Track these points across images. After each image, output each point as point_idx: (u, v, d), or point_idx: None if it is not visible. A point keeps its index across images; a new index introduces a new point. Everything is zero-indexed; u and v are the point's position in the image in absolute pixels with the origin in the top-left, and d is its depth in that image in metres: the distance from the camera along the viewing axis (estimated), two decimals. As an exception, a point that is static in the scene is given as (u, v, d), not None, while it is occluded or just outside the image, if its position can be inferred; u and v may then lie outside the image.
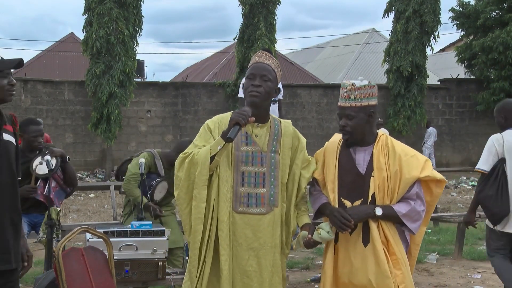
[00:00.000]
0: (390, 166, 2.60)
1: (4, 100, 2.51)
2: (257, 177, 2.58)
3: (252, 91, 2.55)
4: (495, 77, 16.98)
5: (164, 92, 16.04)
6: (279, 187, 2.62)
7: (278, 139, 2.65)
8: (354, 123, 2.61)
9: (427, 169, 2.63)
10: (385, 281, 2.52)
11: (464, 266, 5.71)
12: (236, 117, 2.46)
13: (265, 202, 2.58)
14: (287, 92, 15.25)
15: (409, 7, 16.18)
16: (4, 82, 2.48)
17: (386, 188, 2.59)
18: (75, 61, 23.14)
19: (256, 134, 2.61)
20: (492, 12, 17.57)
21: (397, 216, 2.57)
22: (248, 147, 2.59)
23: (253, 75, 2.58)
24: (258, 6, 15.42)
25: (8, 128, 2.57)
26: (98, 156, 15.47)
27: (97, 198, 11.16)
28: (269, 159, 2.61)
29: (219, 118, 2.67)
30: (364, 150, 2.66)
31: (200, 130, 2.66)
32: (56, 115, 15.13)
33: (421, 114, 16.31)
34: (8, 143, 2.54)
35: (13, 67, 2.50)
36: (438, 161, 16.71)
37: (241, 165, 2.57)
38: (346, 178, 2.64)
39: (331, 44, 29.98)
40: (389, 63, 16.80)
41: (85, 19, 14.46)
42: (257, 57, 2.67)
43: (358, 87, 2.62)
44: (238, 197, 2.56)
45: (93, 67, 14.17)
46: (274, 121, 2.71)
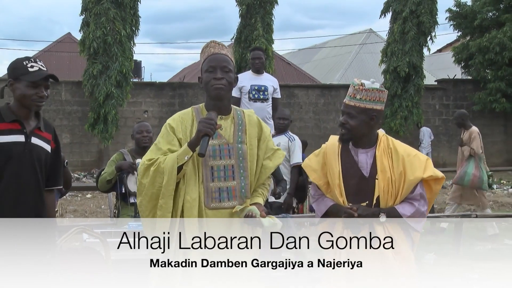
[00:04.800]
0: (394, 168, 2.60)
1: (29, 108, 2.54)
2: (226, 170, 2.53)
3: (215, 84, 2.52)
4: (491, 77, 17.01)
5: (161, 92, 16.02)
6: (249, 178, 2.57)
7: (243, 129, 2.62)
8: (353, 123, 2.61)
9: (429, 168, 2.64)
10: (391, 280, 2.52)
11: (461, 266, 5.71)
12: (203, 128, 2.41)
13: (237, 195, 2.54)
14: (284, 92, 15.25)
15: (406, 7, 16.20)
16: (30, 92, 2.51)
17: (390, 190, 2.59)
18: (72, 61, 23.08)
19: (220, 127, 2.57)
20: (488, 12, 17.61)
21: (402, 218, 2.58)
22: (214, 140, 2.54)
23: (213, 68, 2.55)
24: (255, 7, 15.42)
25: (44, 135, 2.61)
26: (95, 157, 15.44)
27: (94, 199, 11.13)
28: (236, 151, 2.57)
29: (180, 116, 2.63)
30: (366, 152, 2.65)
31: (162, 130, 2.61)
32: (53, 115, 15.09)
33: (418, 114, 16.32)
34: (37, 147, 2.56)
35: (39, 79, 2.51)
36: (435, 161, 16.68)
37: (209, 159, 2.52)
38: (350, 181, 2.63)
39: (328, 45, 29.98)
40: (386, 63, 16.81)
41: (82, 19, 14.44)
42: (211, 47, 2.62)
43: (366, 89, 2.62)
44: (210, 193, 2.51)
45: (90, 68, 14.14)
46: (237, 111, 2.67)
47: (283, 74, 21.66)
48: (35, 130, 2.58)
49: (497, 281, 5.15)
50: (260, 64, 5.69)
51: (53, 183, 2.69)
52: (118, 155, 4.52)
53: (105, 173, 4.42)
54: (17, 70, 2.53)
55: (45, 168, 2.60)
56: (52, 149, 2.64)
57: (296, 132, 16.71)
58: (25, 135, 2.53)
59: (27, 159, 2.51)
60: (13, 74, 2.53)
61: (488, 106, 16.91)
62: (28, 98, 2.52)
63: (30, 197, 2.53)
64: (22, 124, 2.54)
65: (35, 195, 2.55)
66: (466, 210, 9.27)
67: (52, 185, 2.69)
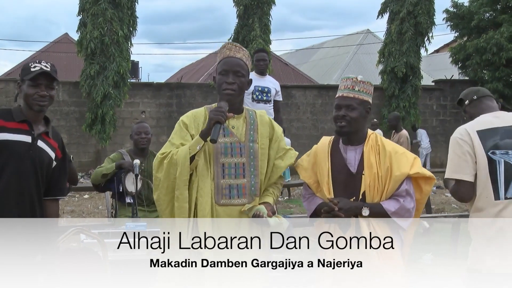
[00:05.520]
0: (381, 164, 2.62)
1: (31, 108, 2.58)
2: (237, 168, 2.57)
3: (226, 88, 2.55)
4: (489, 78, 17.05)
5: (158, 93, 16.01)
6: (259, 177, 2.61)
7: (255, 128, 2.65)
8: (354, 115, 2.62)
9: (416, 166, 2.65)
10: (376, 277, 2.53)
11: (459, 266, 5.71)
12: (215, 116, 2.44)
13: (247, 193, 2.57)
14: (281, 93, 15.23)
15: (403, 8, 16.23)
16: (32, 91, 2.56)
17: (376, 185, 2.61)
18: (69, 62, 23.06)
19: (233, 126, 2.61)
20: (486, 13, 17.64)
21: (387, 214, 2.58)
22: (226, 138, 2.59)
23: (226, 72, 2.57)
24: (253, 7, 15.43)
25: (50, 141, 2.65)
26: (93, 157, 15.42)
27: (92, 199, 11.12)
28: (248, 149, 2.60)
29: (194, 113, 2.65)
30: (354, 149, 2.68)
31: (176, 127, 2.63)
32: (51, 115, 14.97)
33: (416, 115, 16.35)
34: (42, 151, 2.59)
35: (33, 76, 2.54)
36: (433, 162, 16.75)
37: (221, 157, 2.56)
38: (338, 177, 2.66)
39: (326, 45, 30.01)
40: (384, 64, 16.84)
41: (79, 19, 14.43)
42: (227, 49, 2.63)
43: (362, 81, 2.66)
44: (220, 190, 2.54)
45: (87, 68, 14.13)
46: (249, 111, 2.70)
47: (280, 74, 21.67)
48: (43, 134, 2.63)
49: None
50: (264, 65, 5.77)
51: (57, 192, 2.72)
52: (117, 155, 4.51)
53: (102, 167, 4.40)
54: (23, 72, 2.60)
55: (46, 173, 2.62)
56: (58, 158, 2.68)
57: (294, 132, 16.81)
58: (32, 137, 2.58)
59: (30, 160, 2.55)
60: (20, 76, 2.61)
61: (485, 107, 16.93)
62: (29, 97, 2.57)
63: (28, 198, 2.54)
64: (30, 125, 2.59)
65: (34, 196, 2.57)
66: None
67: (56, 194, 2.71)
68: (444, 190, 12.73)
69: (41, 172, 2.59)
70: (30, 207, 2.55)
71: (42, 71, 2.55)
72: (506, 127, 2.72)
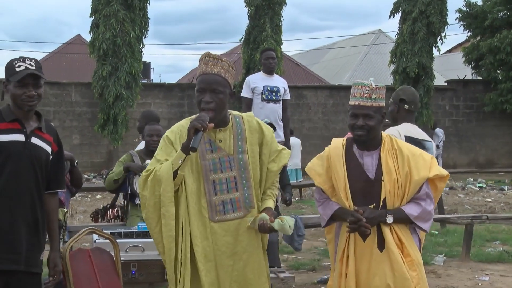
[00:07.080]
0: (400, 169, 2.59)
1: (21, 108, 2.54)
2: (228, 182, 2.52)
3: (204, 108, 2.47)
4: (502, 78, 16.90)
5: (170, 93, 16.06)
6: (252, 187, 2.55)
7: (243, 138, 2.58)
8: (372, 123, 2.57)
9: (434, 167, 2.63)
10: (405, 283, 2.52)
11: (472, 268, 5.67)
12: (193, 125, 2.37)
13: (241, 206, 2.52)
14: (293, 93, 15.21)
15: (415, 8, 16.13)
16: (19, 92, 2.50)
17: (396, 191, 2.58)
18: (82, 63, 23.21)
19: (220, 139, 2.54)
20: (499, 12, 17.50)
21: (409, 219, 2.58)
22: (214, 154, 2.52)
23: (203, 90, 2.50)
24: (264, 8, 15.43)
25: (44, 136, 2.61)
26: (105, 157, 15.51)
27: (104, 199, 11.17)
28: (238, 162, 2.54)
29: (179, 128, 2.58)
30: (370, 154, 2.64)
31: (160, 143, 2.57)
32: (63, 116, 15.18)
33: (428, 115, 16.23)
34: (37, 147, 2.56)
35: (20, 78, 2.49)
36: (445, 162, 16.61)
37: (210, 174, 2.50)
38: (356, 184, 2.61)
39: (337, 45, 29.93)
40: (396, 64, 16.75)
41: (91, 21, 14.53)
42: (204, 64, 2.55)
43: (378, 87, 2.60)
44: (213, 207, 2.49)
45: (99, 69, 14.23)
46: (235, 119, 2.62)
47: (291, 75, 21.65)
48: (36, 130, 2.58)
49: (508, 284, 5.11)
50: (274, 64, 5.71)
51: (55, 186, 2.69)
52: (127, 156, 4.55)
53: (112, 172, 4.45)
54: (8, 71, 2.54)
55: (45, 169, 2.59)
56: (54, 152, 2.64)
57: (304, 133, 16.78)
58: (25, 135, 2.53)
59: (26, 158, 2.51)
60: (6, 75, 2.55)
61: (499, 107, 16.79)
62: (18, 98, 2.51)
63: (28, 197, 2.53)
64: (22, 123, 2.54)
65: (34, 194, 2.54)
66: (477, 211, 9.21)
67: (54, 188, 2.68)
68: (457, 191, 12.62)
69: (40, 169, 2.56)
70: (31, 207, 2.53)
71: (28, 72, 2.49)
72: None
